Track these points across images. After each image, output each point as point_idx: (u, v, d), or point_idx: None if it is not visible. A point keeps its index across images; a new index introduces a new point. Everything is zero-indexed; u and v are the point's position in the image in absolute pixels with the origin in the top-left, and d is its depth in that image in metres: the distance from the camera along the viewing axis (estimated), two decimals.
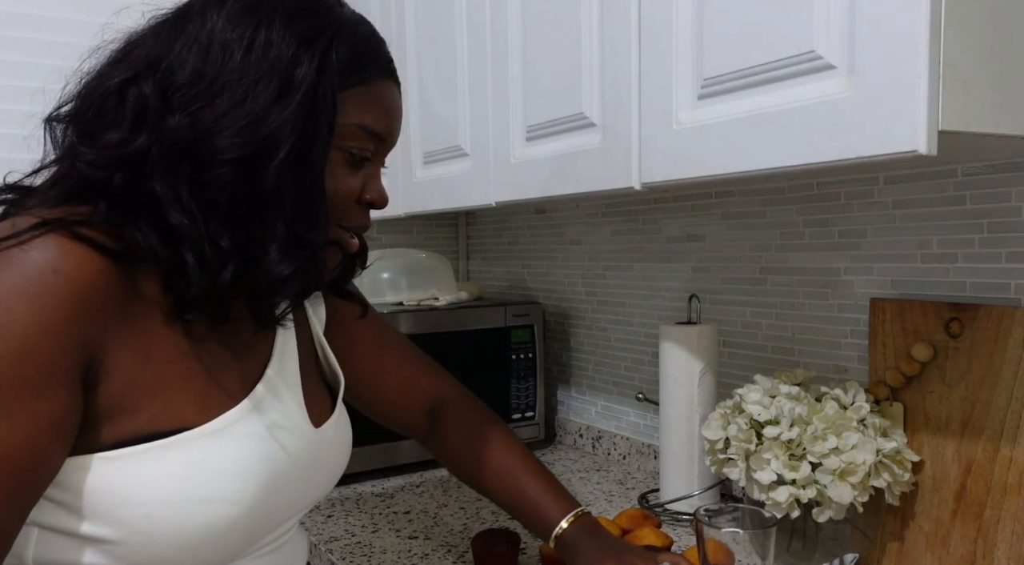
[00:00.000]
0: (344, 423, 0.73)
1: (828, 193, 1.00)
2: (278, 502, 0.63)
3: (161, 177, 0.53)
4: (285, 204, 0.55)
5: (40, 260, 0.50)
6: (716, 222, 1.17)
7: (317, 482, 0.69)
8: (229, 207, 0.54)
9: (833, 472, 0.80)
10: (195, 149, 0.53)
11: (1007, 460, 0.76)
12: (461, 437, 0.84)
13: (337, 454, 0.71)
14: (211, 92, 0.53)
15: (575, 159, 0.93)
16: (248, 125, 0.53)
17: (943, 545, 0.80)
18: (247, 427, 0.60)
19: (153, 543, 0.55)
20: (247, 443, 0.59)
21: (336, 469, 0.72)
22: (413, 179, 1.34)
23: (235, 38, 0.54)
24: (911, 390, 0.85)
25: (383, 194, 0.64)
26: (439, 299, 1.42)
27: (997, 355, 0.77)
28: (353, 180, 0.61)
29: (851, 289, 0.98)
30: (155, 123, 0.53)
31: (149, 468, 0.55)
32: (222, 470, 0.57)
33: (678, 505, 1.06)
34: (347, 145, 0.59)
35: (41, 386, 0.50)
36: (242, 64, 0.54)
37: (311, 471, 0.66)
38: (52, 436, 0.51)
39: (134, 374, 0.55)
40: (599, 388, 1.44)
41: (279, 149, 0.53)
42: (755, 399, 0.85)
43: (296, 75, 0.54)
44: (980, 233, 0.84)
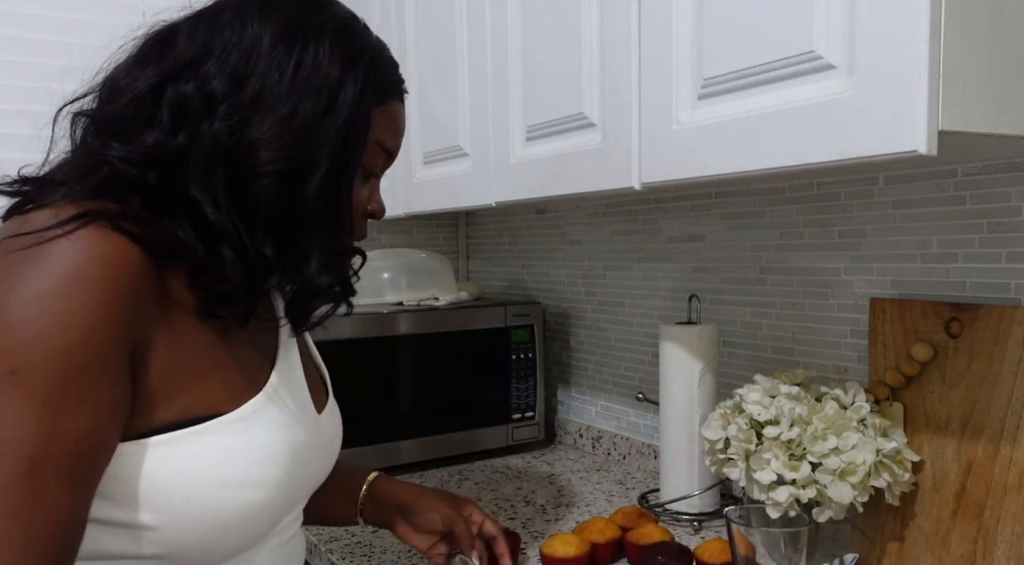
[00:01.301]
0: (336, 410, 0.77)
1: (828, 193, 1.00)
2: (296, 484, 0.65)
3: (199, 180, 0.55)
4: (323, 217, 0.59)
5: (90, 249, 0.51)
6: (716, 222, 1.17)
7: (321, 466, 0.72)
8: (270, 217, 0.57)
9: (833, 472, 0.80)
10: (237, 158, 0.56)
11: (1007, 460, 0.76)
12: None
13: (334, 439, 0.75)
14: (258, 104, 0.56)
15: (575, 159, 0.93)
16: (295, 140, 0.56)
17: (943, 545, 0.80)
18: (269, 413, 0.62)
19: (192, 526, 0.56)
20: (271, 428, 0.62)
21: (333, 453, 0.75)
22: (413, 179, 1.34)
23: (282, 53, 0.57)
24: (911, 390, 0.85)
25: (383, 205, 0.68)
26: (439, 299, 1.42)
27: (997, 355, 0.77)
28: (363, 193, 0.66)
29: (851, 289, 0.98)
30: (194, 126, 0.55)
31: (187, 452, 0.56)
32: (254, 454, 0.59)
33: (678, 505, 1.06)
34: (366, 161, 0.63)
35: (102, 374, 0.51)
36: (292, 80, 0.57)
37: (317, 455, 0.70)
38: (113, 423, 0.53)
39: (170, 363, 0.57)
40: (599, 388, 1.44)
41: (321, 164, 0.57)
42: (755, 399, 0.85)
43: (341, 94, 0.58)
44: (980, 233, 0.84)
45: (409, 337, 1.32)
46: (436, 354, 1.35)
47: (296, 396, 0.68)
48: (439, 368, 1.35)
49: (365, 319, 1.28)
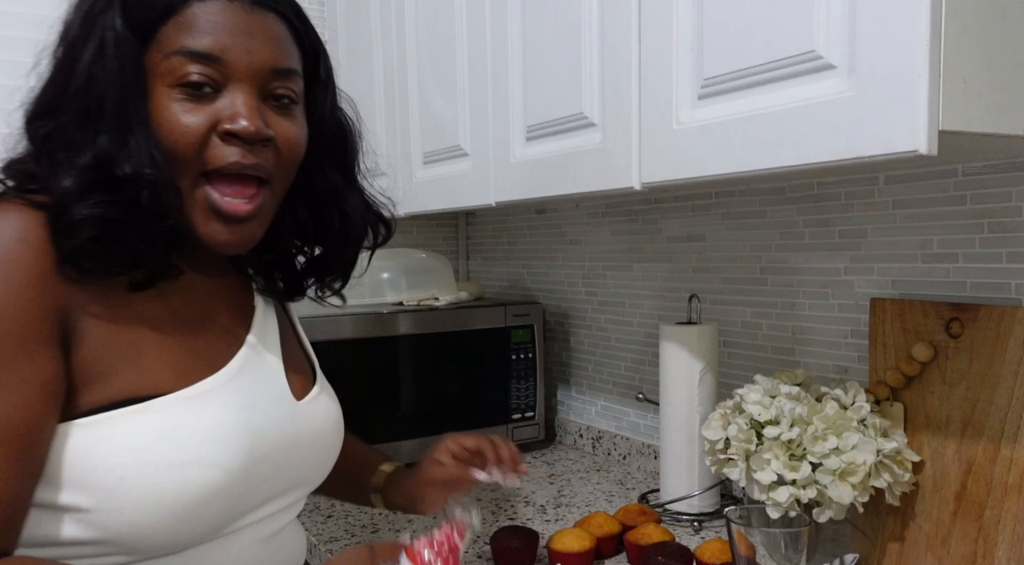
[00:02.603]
0: (327, 400, 0.73)
1: (828, 193, 1.00)
2: (262, 472, 0.62)
3: (41, 150, 0.58)
4: (131, 151, 0.56)
5: (4, 231, 0.53)
6: (716, 222, 1.17)
7: (303, 458, 0.68)
8: (88, 165, 0.56)
9: (833, 472, 0.80)
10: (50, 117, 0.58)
11: (1008, 460, 0.76)
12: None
13: (323, 431, 0.71)
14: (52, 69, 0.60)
15: (575, 159, 0.93)
16: (77, 88, 0.57)
17: (943, 545, 0.80)
18: (226, 393, 0.61)
19: (129, 509, 0.55)
20: (225, 409, 0.60)
21: (323, 447, 0.71)
22: (413, 179, 1.34)
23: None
24: (911, 390, 0.85)
25: (241, 119, 0.58)
26: (439, 299, 1.42)
27: (998, 355, 0.77)
28: (196, 116, 0.58)
29: (851, 289, 0.98)
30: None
31: (122, 430, 0.55)
32: (198, 434, 0.57)
33: (678, 505, 1.06)
34: (177, 77, 0.57)
35: (23, 351, 0.52)
36: (67, 40, 0.59)
37: (295, 444, 0.66)
38: (44, 400, 0.53)
39: (106, 340, 0.56)
40: (599, 388, 1.44)
41: (106, 101, 0.56)
42: (755, 399, 0.85)
43: (97, 29, 0.57)
44: (980, 233, 0.84)
45: (409, 337, 1.32)
46: (436, 354, 1.35)
47: (268, 378, 0.66)
48: (439, 368, 1.35)
49: (365, 319, 1.28)
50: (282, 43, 0.62)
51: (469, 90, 1.15)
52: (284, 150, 0.62)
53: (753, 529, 0.75)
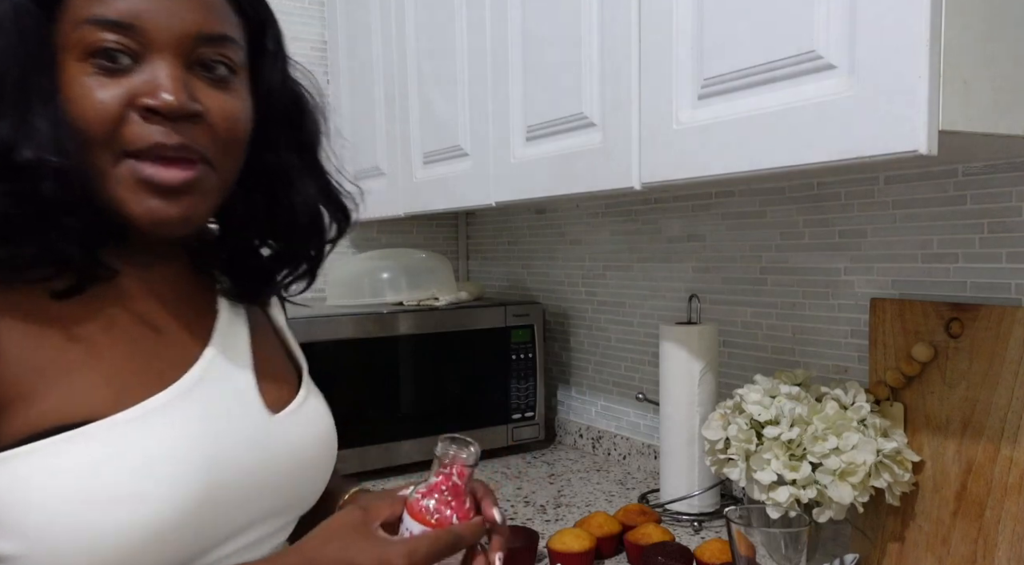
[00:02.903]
0: (313, 409, 0.64)
1: (828, 193, 1.00)
2: (227, 502, 0.54)
3: None
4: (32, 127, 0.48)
5: None
6: (716, 222, 1.17)
7: (283, 480, 0.58)
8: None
9: (833, 472, 0.80)
10: None
11: (1008, 460, 0.76)
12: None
13: (307, 446, 0.61)
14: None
15: (575, 159, 0.93)
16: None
17: (943, 545, 0.80)
18: (175, 414, 0.52)
19: (62, 553, 0.47)
20: (175, 431, 0.51)
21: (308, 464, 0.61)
22: (413, 179, 1.34)
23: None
24: (911, 390, 0.85)
25: (163, 92, 0.51)
26: (439, 299, 1.42)
27: (998, 355, 0.77)
28: (110, 90, 0.50)
29: (851, 289, 0.98)
30: None
31: (49, 463, 0.47)
32: (141, 463, 0.49)
33: (678, 505, 1.06)
34: (88, 47, 0.50)
35: None
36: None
37: (270, 466, 0.57)
38: None
39: (26, 358, 0.49)
40: (599, 388, 1.44)
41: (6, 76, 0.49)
42: (755, 399, 0.85)
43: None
44: (980, 233, 0.84)
45: (409, 337, 1.32)
46: (436, 354, 1.35)
47: (232, 393, 0.57)
48: (439, 368, 1.35)
49: (365, 319, 1.28)
50: (212, 7, 0.54)
51: (469, 90, 1.15)
52: (220, 127, 0.54)
53: (753, 529, 0.75)
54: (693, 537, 1.01)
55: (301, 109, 0.63)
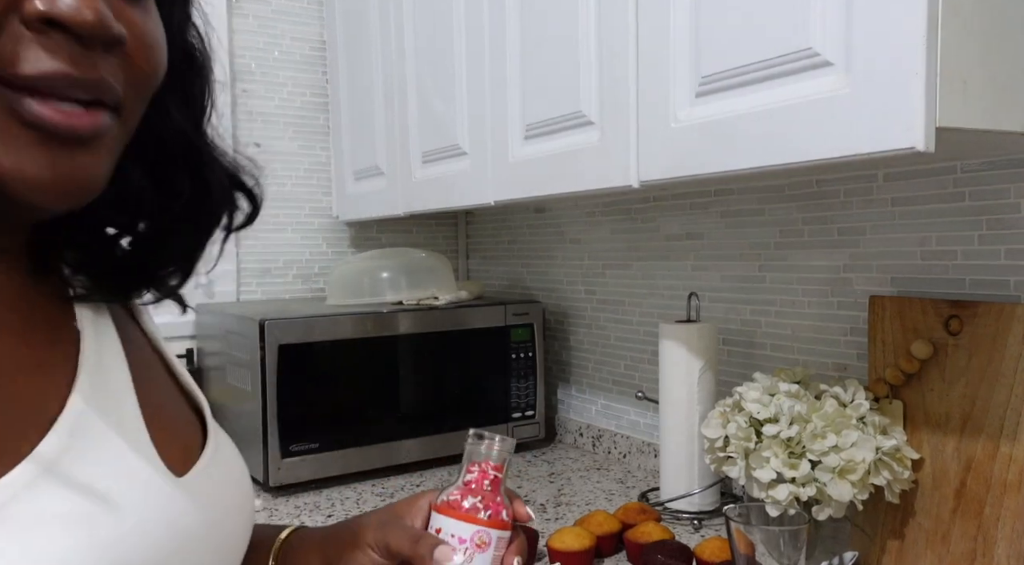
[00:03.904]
0: (226, 460, 0.48)
1: (827, 191, 1.00)
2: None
3: None
4: None
5: None
6: (715, 220, 1.17)
7: (198, 559, 0.42)
8: None
9: (833, 470, 0.79)
10: None
11: (1007, 458, 0.76)
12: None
13: (227, 509, 0.46)
14: None
15: (573, 158, 0.93)
16: None
17: (943, 543, 0.80)
18: (38, 503, 0.33)
19: None
20: (41, 528, 0.33)
21: (230, 532, 0.46)
22: (412, 178, 1.34)
23: None
24: (911, 388, 0.85)
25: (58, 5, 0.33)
26: (439, 298, 1.42)
27: (997, 352, 0.77)
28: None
29: (850, 287, 0.98)
30: None
31: None
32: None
33: (678, 503, 1.06)
34: None
35: None
36: None
37: (184, 547, 0.40)
38: None
39: None
40: (599, 387, 1.44)
41: None
42: (754, 397, 0.85)
43: None
44: (979, 230, 0.84)
45: (409, 336, 1.32)
46: (436, 353, 1.35)
47: (117, 457, 0.38)
48: (439, 367, 1.35)
49: (364, 318, 1.28)
50: None
51: (467, 89, 1.15)
52: (139, 60, 0.38)
53: (752, 527, 0.75)
54: (693, 535, 1.01)
55: (198, 68, 0.48)
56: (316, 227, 1.70)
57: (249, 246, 1.64)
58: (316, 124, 1.69)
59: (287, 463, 1.20)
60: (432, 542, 0.52)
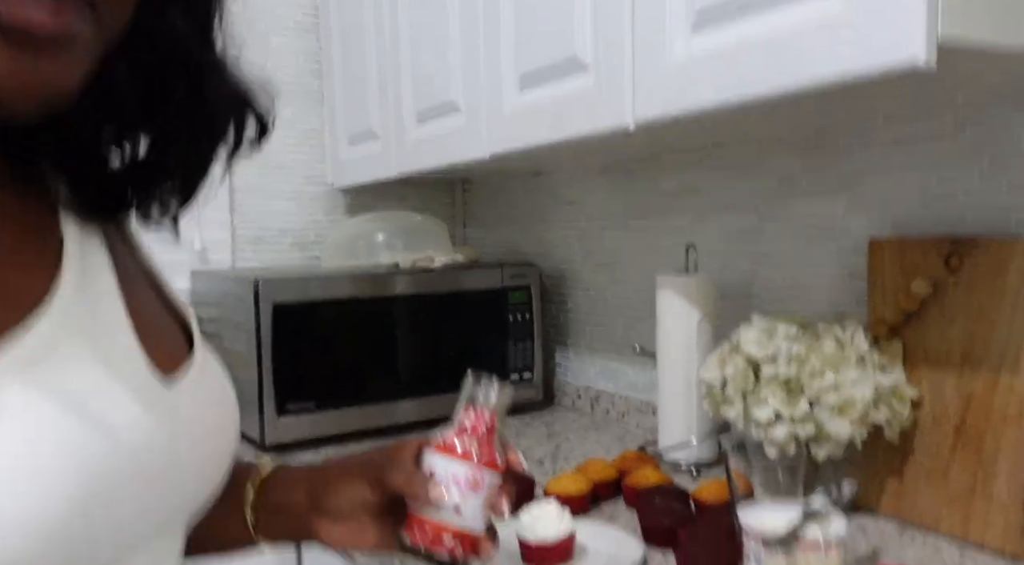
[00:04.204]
0: (214, 374, 0.48)
1: (826, 138, 0.99)
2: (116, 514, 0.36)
3: None
4: None
5: None
6: (712, 173, 1.16)
7: (181, 476, 0.41)
8: None
9: (831, 408, 0.79)
10: None
11: (1007, 390, 0.75)
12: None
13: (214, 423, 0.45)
14: None
15: (568, 104, 0.92)
16: None
17: (943, 479, 0.80)
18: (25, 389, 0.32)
19: None
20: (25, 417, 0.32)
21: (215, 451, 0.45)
22: (406, 139, 1.32)
23: None
24: (910, 328, 0.84)
25: None
26: (435, 261, 1.41)
27: (997, 287, 0.76)
28: None
29: (849, 233, 0.97)
30: None
31: None
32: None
33: (676, 454, 1.06)
34: None
35: None
36: None
37: (170, 456, 0.39)
38: None
39: None
40: (596, 349, 1.43)
41: None
42: (752, 338, 0.85)
43: None
44: (981, 166, 0.83)
45: (406, 297, 1.31)
46: (433, 315, 1.35)
47: (111, 352, 0.38)
48: (436, 328, 1.35)
49: (361, 278, 1.28)
50: None
51: (461, 43, 1.14)
52: None
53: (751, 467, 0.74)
54: (691, 483, 1.01)
55: None
56: (311, 195, 1.69)
57: (243, 214, 1.63)
58: (309, 91, 1.68)
59: (283, 421, 1.20)
60: (426, 479, 0.52)
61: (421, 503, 0.51)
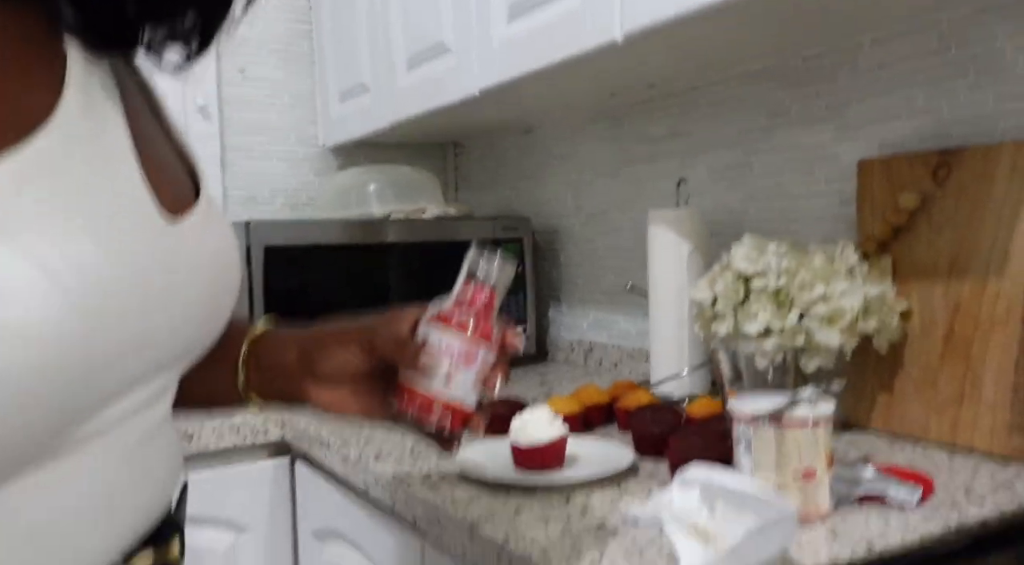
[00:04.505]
0: (218, 221, 0.46)
1: (813, 66, 0.99)
2: (117, 343, 0.34)
3: None
4: None
5: None
6: (701, 113, 1.16)
7: (185, 313, 0.40)
8: None
9: (821, 319, 0.79)
10: None
11: (994, 295, 0.76)
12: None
13: (215, 269, 0.44)
14: None
15: (557, 27, 0.92)
16: None
17: (932, 388, 0.80)
18: (25, 201, 0.31)
19: None
20: (26, 228, 0.30)
21: (214, 297, 0.44)
22: (396, 87, 1.33)
23: None
24: (899, 243, 0.84)
25: None
26: (427, 212, 1.41)
27: (984, 193, 0.77)
28: None
29: (837, 159, 0.98)
30: None
31: None
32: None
33: (668, 387, 1.06)
34: None
35: None
36: None
37: (169, 293, 0.38)
38: None
39: None
40: (589, 301, 1.44)
41: None
42: (743, 254, 0.85)
43: None
44: (966, 78, 0.83)
45: (398, 245, 1.31)
46: (424, 263, 1.34)
47: (115, 181, 0.36)
48: (427, 277, 1.35)
49: (352, 225, 1.27)
50: None
51: None
52: None
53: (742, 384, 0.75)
54: None
55: None
56: (302, 156, 1.69)
57: (234, 175, 1.62)
58: (300, 52, 1.68)
59: None
60: (418, 348, 0.51)
61: (411, 371, 0.51)
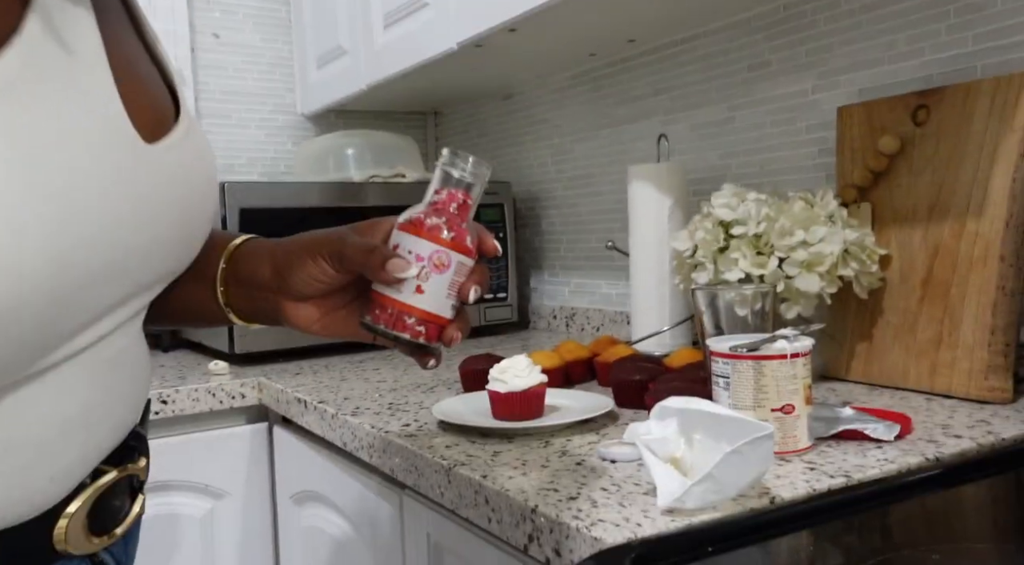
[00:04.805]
0: (198, 145, 0.46)
1: (794, 14, 0.98)
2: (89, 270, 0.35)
3: None
4: None
5: None
6: (683, 69, 1.15)
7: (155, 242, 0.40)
8: None
9: (800, 264, 0.79)
10: None
11: (973, 235, 0.75)
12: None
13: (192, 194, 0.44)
14: None
15: None
16: None
17: (910, 333, 0.80)
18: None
19: None
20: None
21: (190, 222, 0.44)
22: (374, 47, 1.30)
23: None
24: (878, 188, 0.84)
25: None
26: (406, 176, 1.39)
27: (963, 132, 0.76)
28: None
29: (818, 107, 0.97)
30: None
31: None
32: None
33: (649, 344, 1.05)
34: None
35: None
36: None
37: (143, 219, 0.39)
38: None
39: None
40: (571, 266, 1.43)
41: None
42: (723, 202, 0.84)
43: None
44: (947, 20, 0.83)
45: (377, 209, 1.29)
46: None
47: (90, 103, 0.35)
48: None
49: (330, 187, 1.25)
50: None
51: None
52: None
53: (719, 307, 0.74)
54: None
55: None
56: (280, 124, 1.66)
57: (211, 142, 1.59)
58: (277, 17, 1.64)
59: (252, 331, 1.17)
60: (386, 254, 0.49)
61: (380, 280, 0.49)
